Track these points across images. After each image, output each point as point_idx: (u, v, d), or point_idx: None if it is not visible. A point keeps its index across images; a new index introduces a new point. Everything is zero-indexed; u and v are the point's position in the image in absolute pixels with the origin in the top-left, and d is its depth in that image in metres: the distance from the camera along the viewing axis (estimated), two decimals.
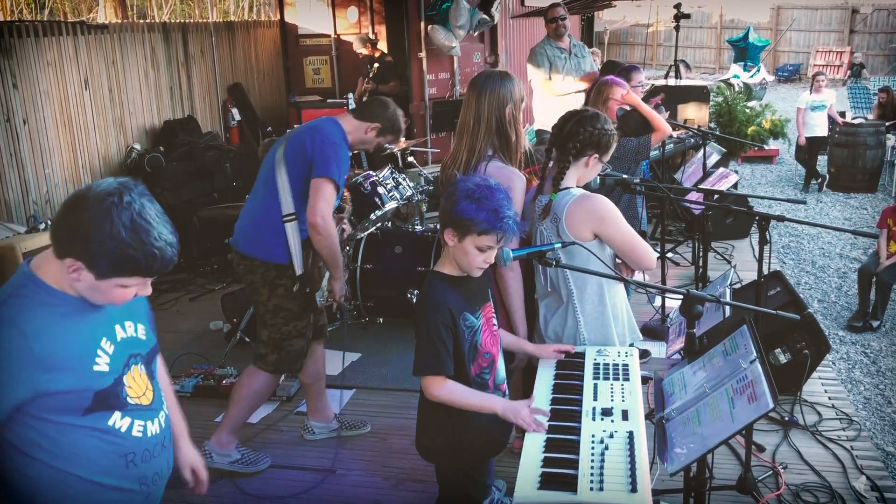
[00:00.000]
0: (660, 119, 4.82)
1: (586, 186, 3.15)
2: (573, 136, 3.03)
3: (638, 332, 3.20)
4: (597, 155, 3.07)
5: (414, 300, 5.09)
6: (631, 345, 3.10)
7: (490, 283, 2.81)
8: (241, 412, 3.82)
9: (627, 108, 4.80)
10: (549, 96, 6.96)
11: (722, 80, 18.32)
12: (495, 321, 2.76)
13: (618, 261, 3.07)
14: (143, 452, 2.00)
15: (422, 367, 2.49)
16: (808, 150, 10.83)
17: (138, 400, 1.99)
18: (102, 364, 1.90)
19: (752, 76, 19.47)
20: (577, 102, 6.65)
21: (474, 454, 2.72)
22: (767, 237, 3.66)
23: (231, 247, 3.73)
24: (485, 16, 8.73)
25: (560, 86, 6.85)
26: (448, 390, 2.49)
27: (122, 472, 1.96)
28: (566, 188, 3.01)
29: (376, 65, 8.25)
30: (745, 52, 22.71)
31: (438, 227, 2.63)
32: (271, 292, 3.63)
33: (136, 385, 2.00)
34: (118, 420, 1.94)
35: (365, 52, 8.38)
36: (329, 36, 9.12)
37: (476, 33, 9.08)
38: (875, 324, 6.28)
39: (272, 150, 3.63)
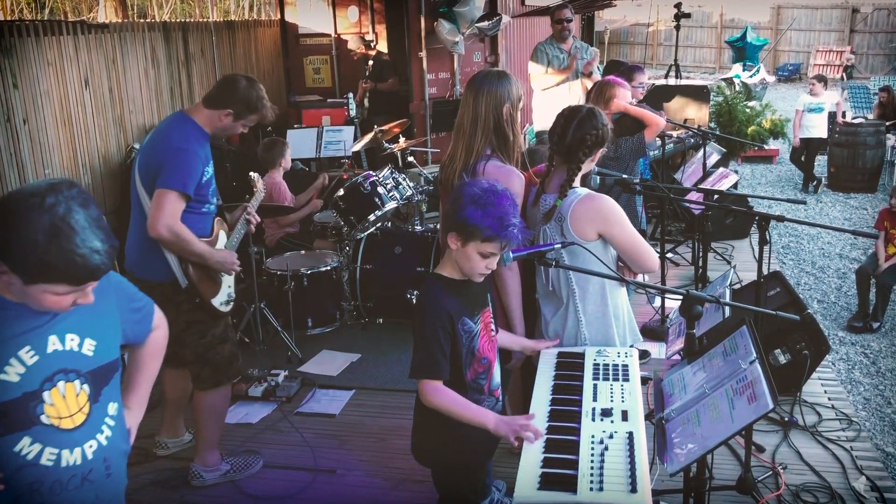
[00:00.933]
0: (650, 114, 4.83)
1: (584, 182, 3.15)
2: (581, 143, 3.02)
3: (638, 334, 3.20)
4: (601, 150, 3.10)
5: (414, 300, 5.09)
6: (631, 346, 3.10)
7: (490, 287, 2.80)
8: (210, 433, 3.75)
9: None
10: (544, 93, 7.04)
11: (723, 79, 18.32)
12: (493, 326, 2.75)
13: (620, 263, 3.08)
14: (51, 483, 1.84)
15: (418, 370, 2.48)
16: (804, 152, 10.84)
17: (59, 422, 1.83)
18: (11, 374, 1.76)
19: (751, 76, 19.45)
20: (575, 100, 6.68)
21: (470, 458, 2.71)
22: (767, 237, 3.66)
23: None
24: (480, 23, 8.69)
25: (544, 80, 6.94)
26: (443, 399, 2.47)
27: (25, 499, 1.82)
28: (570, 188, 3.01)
29: (370, 62, 8.25)
30: (743, 51, 22.70)
31: (439, 228, 2.62)
32: (177, 310, 3.47)
33: (62, 405, 1.84)
34: (26, 447, 1.80)
35: (359, 51, 8.39)
36: (329, 35, 9.12)
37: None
38: (875, 325, 6.27)
39: (133, 167, 3.47)
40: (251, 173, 4.34)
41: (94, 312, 1.88)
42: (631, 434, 2.29)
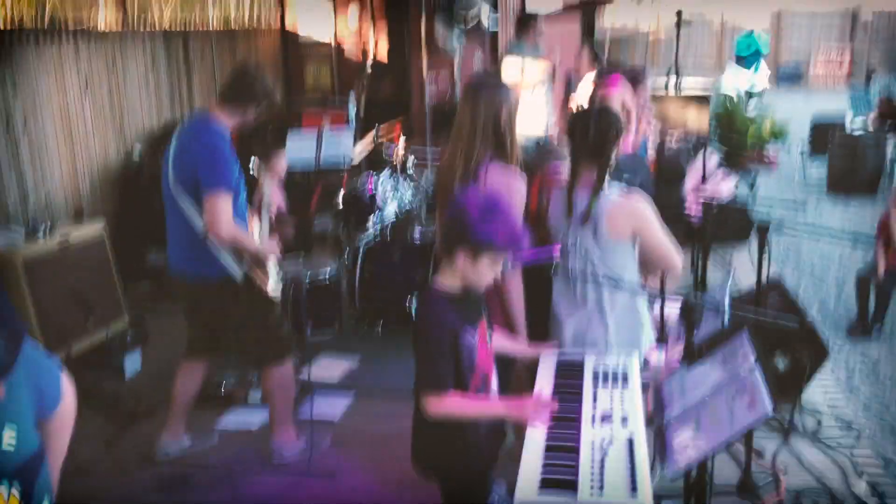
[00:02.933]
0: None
1: None
2: (606, 139, 3.00)
3: (653, 337, 3.19)
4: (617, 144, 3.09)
5: (413, 309, 5.08)
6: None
7: (483, 297, 2.77)
8: (283, 409, 3.99)
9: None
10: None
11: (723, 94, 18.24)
12: (489, 337, 2.73)
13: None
14: None
15: (424, 386, 2.47)
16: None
17: None
18: None
19: (755, 75, 19.26)
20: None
21: (470, 466, 2.70)
22: (767, 242, 3.66)
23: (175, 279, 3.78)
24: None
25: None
26: (450, 406, 2.47)
27: None
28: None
29: (369, 69, 8.27)
30: (744, 60, 22.62)
31: (437, 238, 2.60)
32: (236, 301, 3.71)
33: None
34: None
35: (356, 58, 8.43)
36: (329, 42, 9.14)
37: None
38: (875, 329, 6.24)
39: (164, 174, 3.62)
40: (252, 158, 4.42)
41: (16, 392, 1.51)
42: (631, 440, 2.29)
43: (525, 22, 7.47)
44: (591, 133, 3.01)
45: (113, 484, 3.81)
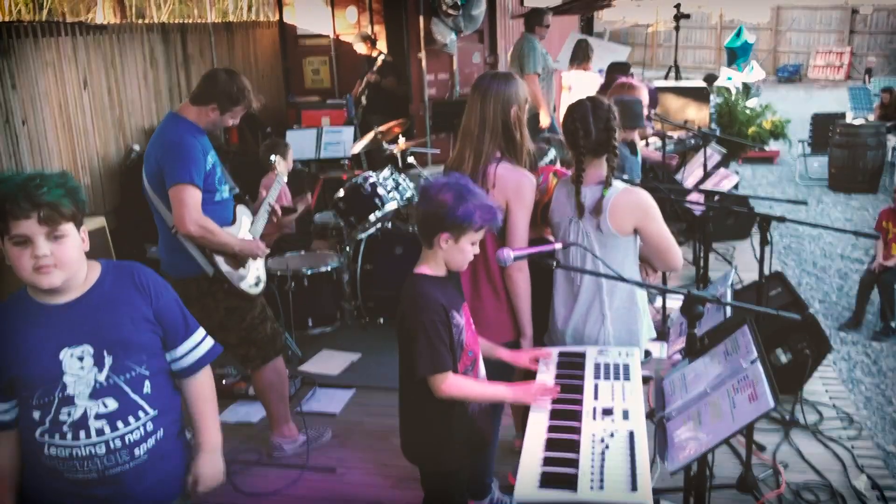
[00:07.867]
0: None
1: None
2: (609, 131, 2.96)
3: (654, 330, 3.19)
4: (618, 132, 3.04)
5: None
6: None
7: (460, 283, 2.80)
8: (277, 407, 3.97)
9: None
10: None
11: (720, 87, 18.24)
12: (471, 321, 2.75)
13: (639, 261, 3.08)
14: None
15: (426, 367, 2.48)
16: None
17: None
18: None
19: (749, 72, 19.29)
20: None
21: (459, 451, 2.70)
22: (768, 238, 3.65)
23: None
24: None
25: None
26: (459, 388, 2.52)
27: None
28: (600, 182, 2.99)
29: (381, 57, 8.24)
30: (735, 53, 22.59)
31: (420, 231, 2.62)
32: (215, 300, 3.67)
33: None
34: None
35: (365, 50, 8.37)
36: (328, 36, 9.11)
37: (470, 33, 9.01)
38: (893, 325, 6.14)
39: (142, 175, 3.60)
40: (272, 156, 4.35)
41: None
42: (632, 433, 2.28)
43: (534, 16, 7.61)
44: (592, 130, 2.98)
45: None
